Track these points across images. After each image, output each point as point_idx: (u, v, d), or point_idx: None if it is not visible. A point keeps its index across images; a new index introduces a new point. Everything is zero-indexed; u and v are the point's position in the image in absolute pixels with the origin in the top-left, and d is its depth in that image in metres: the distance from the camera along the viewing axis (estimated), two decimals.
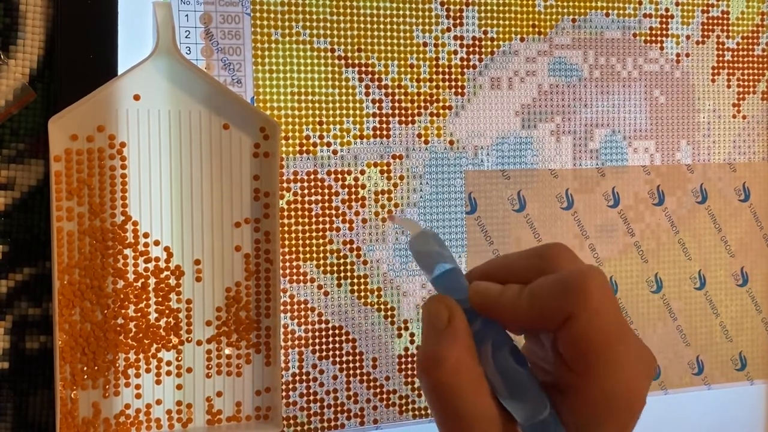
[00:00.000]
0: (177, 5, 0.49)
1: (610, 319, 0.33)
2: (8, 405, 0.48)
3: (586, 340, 0.32)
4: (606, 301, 0.33)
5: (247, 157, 0.49)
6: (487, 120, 0.56)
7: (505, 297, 0.34)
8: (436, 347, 0.33)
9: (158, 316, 0.48)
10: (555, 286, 0.33)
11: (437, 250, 0.35)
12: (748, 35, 0.63)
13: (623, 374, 0.32)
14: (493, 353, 0.33)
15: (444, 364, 0.32)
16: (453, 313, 0.34)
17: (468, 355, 0.33)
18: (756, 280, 0.64)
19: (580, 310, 0.32)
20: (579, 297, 0.32)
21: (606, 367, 0.32)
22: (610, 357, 0.32)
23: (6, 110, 0.47)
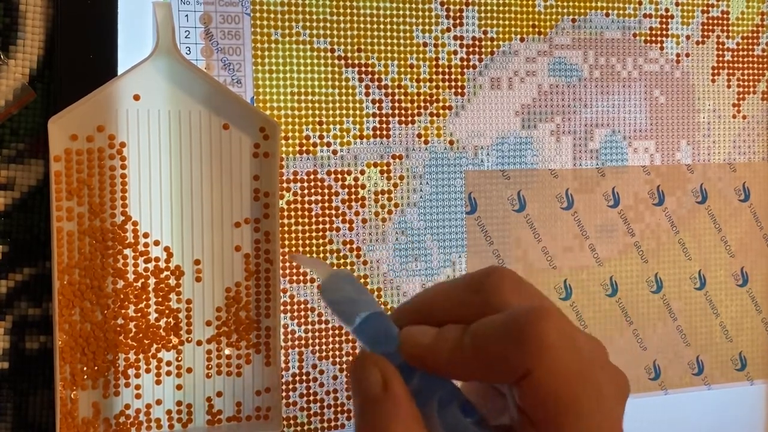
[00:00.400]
0: (177, 5, 0.49)
1: (574, 365, 0.29)
2: (8, 405, 0.48)
3: (549, 396, 0.28)
4: (566, 347, 0.29)
5: (247, 157, 0.49)
6: (487, 120, 0.56)
7: (444, 346, 0.29)
8: (374, 424, 0.29)
9: (158, 317, 0.48)
10: (503, 335, 0.29)
11: (354, 295, 0.31)
12: (748, 35, 0.63)
13: (595, 417, 0.29)
14: (439, 412, 0.29)
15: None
16: (387, 376, 0.29)
17: (414, 426, 0.29)
18: (756, 280, 0.64)
19: (537, 365, 0.28)
20: (534, 349, 0.28)
21: (572, 419, 0.28)
22: (579, 407, 0.29)
23: (6, 110, 0.47)
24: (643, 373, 0.61)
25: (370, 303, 0.31)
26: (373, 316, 0.30)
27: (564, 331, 0.29)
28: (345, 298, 0.31)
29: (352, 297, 0.31)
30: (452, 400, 0.29)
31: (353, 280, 0.32)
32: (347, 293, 0.31)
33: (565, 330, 0.29)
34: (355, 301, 0.31)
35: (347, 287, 0.31)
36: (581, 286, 0.59)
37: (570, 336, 0.29)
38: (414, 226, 0.55)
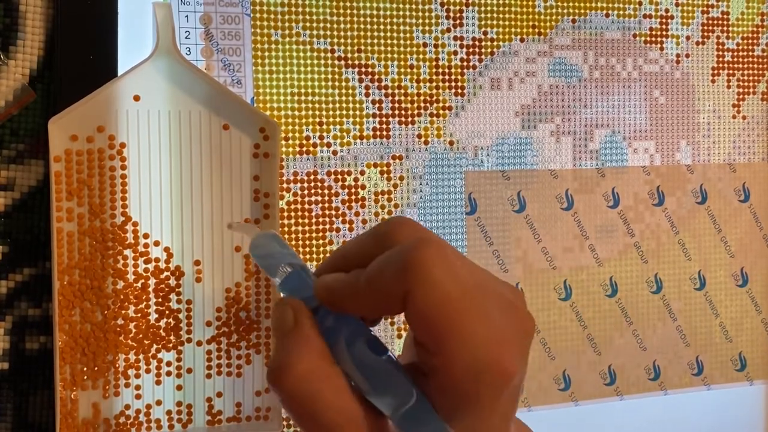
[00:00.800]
0: (177, 6, 0.49)
1: (452, 288, 0.30)
2: (8, 405, 0.48)
3: (429, 317, 0.30)
4: (444, 271, 0.30)
5: (247, 157, 0.49)
6: (487, 120, 0.56)
7: (346, 285, 0.32)
8: (282, 354, 0.31)
9: (158, 317, 0.48)
10: (387, 264, 0.31)
11: (279, 250, 0.34)
12: (748, 36, 0.63)
13: (479, 346, 0.30)
14: (348, 348, 0.31)
15: (293, 372, 0.30)
16: (298, 314, 0.32)
17: (318, 357, 0.31)
18: (756, 280, 0.64)
19: (415, 286, 0.30)
20: (411, 272, 0.30)
21: (457, 342, 0.30)
22: (459, 331, 0.30)
23: (6, 111, 0.47)
24: (643, 374, 0.61)
25: (292, 257, 0.34)
26: (295, 271, 0.34)
27: (443, 256, 0.30)
28: (271, 252, 0.34)
29: (277, 252, 0.34)
30: (359, 337, 0.32)
31: (279, 238, 0.35)
32: (273, 249, 0.34)
33: (445, 256, 0.30)
34: (281, 254, 0.34)
35: (273, 244, 0.35)
36: (581, 286, 0.59)
37: (449, 261, 0.30)
38: None
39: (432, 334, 0.30)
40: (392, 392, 0.31)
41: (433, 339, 0.30)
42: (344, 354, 0.32)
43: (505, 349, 0.31)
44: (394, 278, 0.30)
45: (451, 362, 0.30)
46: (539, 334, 0.58)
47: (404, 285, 0.30)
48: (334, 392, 0.31)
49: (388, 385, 0.31)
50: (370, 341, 0.32)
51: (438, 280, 0.30)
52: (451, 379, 0.30)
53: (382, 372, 0.31)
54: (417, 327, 0.31)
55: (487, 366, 0.30)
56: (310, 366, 0.31)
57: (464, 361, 0.30)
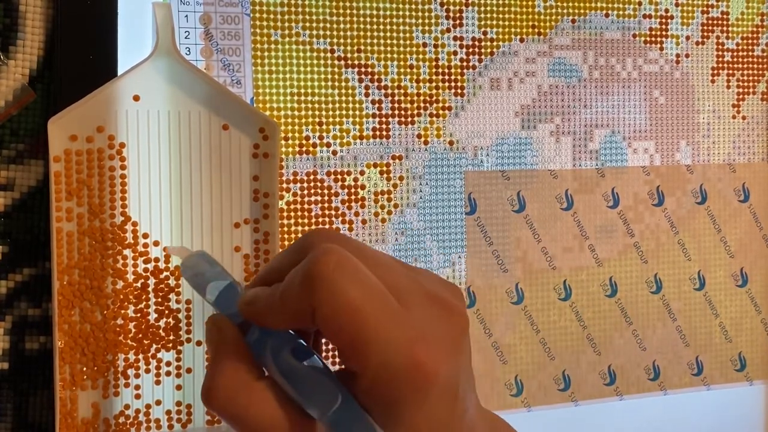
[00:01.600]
0: (176, 6, 0.49)
1: (356, 294, 0.30)
2: (8, 405, 0.48)
3: (335, 325, 0.30)
4: (344, 277, 0.30)
5: (247, 157, 0.49)
6: (487, 120, 0.56)
7: (265, 299, 0.33)
8: (211, 372, 0.32)
9: (158, 317, 0.48)
10: (294, 277, 0.31)
11: (208, 269, 0.35)
12: (748, 36, 0.63)
13: (390, 348, 0.30)
14: (273, 359, 0.32)
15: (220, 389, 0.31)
16: (222, 330, 0.33)
17: (244, 371, 0.32)
18: (756, 280, 0.64)
19: (318, 303, 0.30)
20: (312, 283, 0.30)
21: (367, 346, 0.30)
22: (366, 335, 0.30)
23: (6, 111, 0.47)
24: (643, 374, 0.61)
25: (221, 275, 0.35)
26: (225, 288, 0.35)
27: (343, 264, 0.31)
28: (200, 272, 0.35)
29: (207, 270, 0.35)
30: (283, 346, 0.33)
31: (208, 256, 0.36)
32: (202, 268, 0.36)
33: (346, 264, 0.31)
34: (210, 273, 0.35)
35: (202, 263, 0.36)
36: (581, 286, 0.59)
37: (350, 269, 0.31)
38: (414, 227, 0.55)
39: (341, 341, 0.30)
40: (318, 396, 0.32)
41: (344, 346, 0.31)
42: (271, 364, 0.32)
43: (423, 348, 0.30)
44: (300, 292, 0.31)
45: (365, 367, 0.30)
46: (539, 334, 0.58)
47: (308, 298, 0.30)
48: (260, 403, 0.31)
49: (314, 389, 0.32)
50: (295, 349, 0.32)
51: (338, 289, 0.30)
52: (369, 383, 0.30)
53: (306, 377, 0.32)
54: (328, 336, 0.31)
55: (403, 367, 0.30)
56: (235, 382, 0.32)
57: (378, 365, 0.30)
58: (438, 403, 0.31)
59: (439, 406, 0.31)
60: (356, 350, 0.30)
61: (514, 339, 0.57)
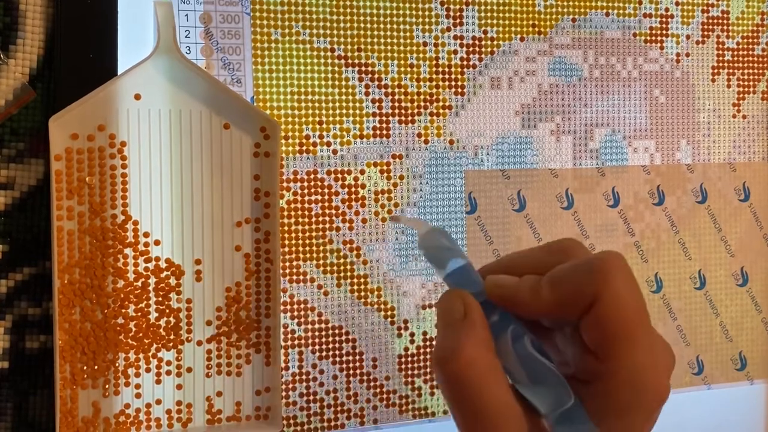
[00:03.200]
0: (177, 5, 0.49)
1: (636, 300, 0.32)
2: (8, 405, 0.48)
3: (613, 321, 0.32)
4: (629, 282, 0.32)
5: (248, 156, 0.49)
6: (487, 120, 0.56)
7: (524, 286, 0.34)
8: (451, 340, 0.32)
9: (158, 316, 0.48)
10: (576, 270, 0.33)
11: (448, 246, 0.35)
12: (748, 35, 0.63)
13: (650, 357, 0.32)
14: (513, 343, 0.33)
15: (459, 357, 0.32)
16: (468, 305, 0.33)
17: (484, 347, 0.32)
18: (756, 280, 0.64)
19: (604, 292, 0.32)
20: (602, 278, 0.32)
21: (633, 348, 0.32)
22: (636, 339, 0.32)
23: (6, 110, 0.47)
24: None
25: (460, 254, 0.35)
26: (463, 265, 0.35)
27: (629, 269, 0.33)
28: (440, 247, 0.35)
29: (445, 246, 0.35)
30: (523, 334, 0.33)
31: (448, 235, 0.36)
32: (442, 244, 0.35)
33: (630, 270, 0.33)
34: (448, 251, 0.35)
35: (443, 240, 0.35)
36: None
37: (633, 276, 0.33)
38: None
39: (611, 338, 0.32)
40: (553, 391, 0.32)
41: (611, 343, 0.32)
42: (508, 347, 0.33)
43: (665, 372, 0.33)
44: (583, 283, 0.32)
45: (622, 367, 0.32)
46: None
47: (593, 289, 0.32)
48: (494, 381, 0.32)
49: (551, 384, 0.32)
50: (533, 341, 0.33)
51: (626, 288, 0.32)
52: (619, 384, 0.32)
53: (546, 370, 0.32)
54: (597, 331, 0.32)
55: (655, 379, 0.32)
56: (478, 354, 0.32)
57: (636, 369, 0.32)
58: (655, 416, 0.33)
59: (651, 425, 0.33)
60: (619, 350, 0.32)
61: None
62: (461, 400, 0.32)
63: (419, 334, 0.55)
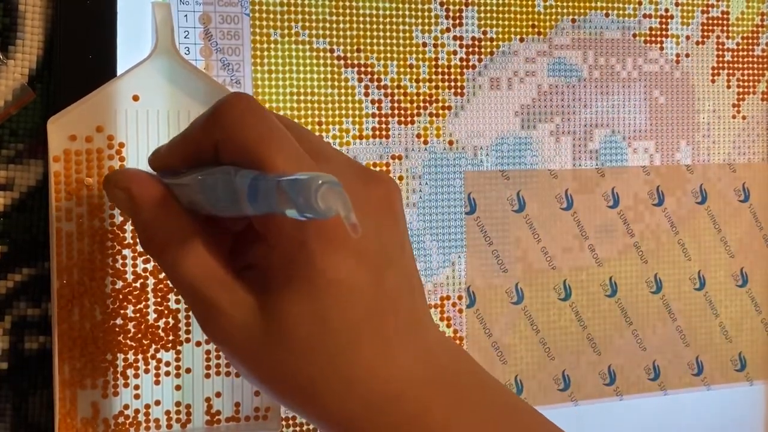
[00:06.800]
0: (176, 5, 0.49)
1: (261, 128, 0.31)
2: (7, 405, 0.48)
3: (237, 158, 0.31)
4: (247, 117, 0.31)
5: None
6: (487, 120, 0.56)
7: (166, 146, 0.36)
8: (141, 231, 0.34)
9: (157, 317, 0.48)
10: (199, 118, 0.34)
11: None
12: (748, 35, 0.63)
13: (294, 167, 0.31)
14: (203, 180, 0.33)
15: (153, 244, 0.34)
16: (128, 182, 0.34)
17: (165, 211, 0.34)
18: (756, 280, 0.64)
19: (224, 133, 0.31)
20: (217, 120, 0.32)
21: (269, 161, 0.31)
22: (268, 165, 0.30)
23: (5, 111, 0.47)
24: (643, 374, 0.61)
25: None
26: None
27: (252, 106, 0.32)
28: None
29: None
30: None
31: None
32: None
33: (254, 105, 0.32)
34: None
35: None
36: (581, 286, 0.59)
37: (259, 110, 0.32)
38: (413, 227, 0.55)
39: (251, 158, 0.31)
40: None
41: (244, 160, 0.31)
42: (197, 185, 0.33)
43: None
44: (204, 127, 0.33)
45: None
46: (539, 334, 0.58)
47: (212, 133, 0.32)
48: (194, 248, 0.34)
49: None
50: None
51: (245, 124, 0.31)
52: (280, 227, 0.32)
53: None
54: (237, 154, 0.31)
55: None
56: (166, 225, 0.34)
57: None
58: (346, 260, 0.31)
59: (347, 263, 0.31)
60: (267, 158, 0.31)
61: (513, 339, 0.57)
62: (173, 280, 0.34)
63: None
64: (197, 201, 0.34)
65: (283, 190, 0.26)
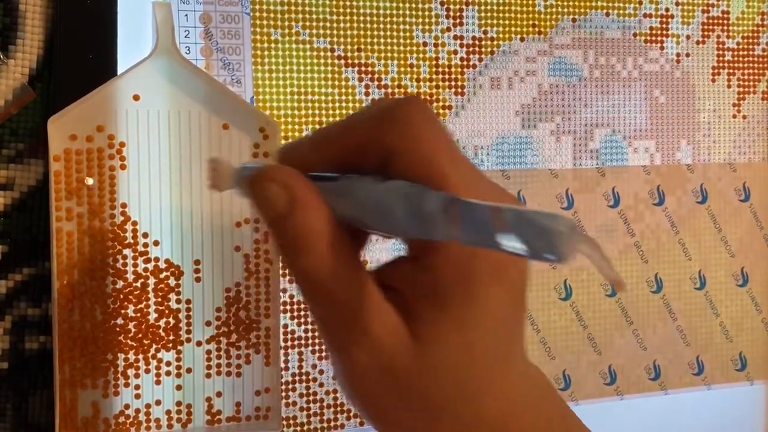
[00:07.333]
0: (176, 5, 0.49)
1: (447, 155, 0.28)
2: (8, 405, 0.48)
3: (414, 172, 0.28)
4: (436, 132, 0.28)
5: (247, 157, 0.49)
6: (487, 120, 0.56)
7: (312, 134, 0.31)
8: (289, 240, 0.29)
9: (158, 317, 0.48)
10: (371, 113, 0.29)
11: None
12: (749, 35, 0.63)
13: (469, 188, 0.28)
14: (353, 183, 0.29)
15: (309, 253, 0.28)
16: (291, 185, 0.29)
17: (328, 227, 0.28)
18: (756, 280, 0.64)
19: (402, 141, 0.28)
20: (398, 125, 0.28)
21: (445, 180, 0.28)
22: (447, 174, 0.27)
23: (5, 110, 0.47)
24: (643, 373, 0.61)
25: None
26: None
27: (430, 113, 0.29)
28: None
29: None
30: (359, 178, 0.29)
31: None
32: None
33: (430, 113, 0.29)
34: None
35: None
36: (581, 286, 0.59)
37: (435, 119, 0.29)
38: None
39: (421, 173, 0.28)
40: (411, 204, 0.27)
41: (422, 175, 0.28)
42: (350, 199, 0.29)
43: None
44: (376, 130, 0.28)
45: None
46: (539, 334, 0.58)
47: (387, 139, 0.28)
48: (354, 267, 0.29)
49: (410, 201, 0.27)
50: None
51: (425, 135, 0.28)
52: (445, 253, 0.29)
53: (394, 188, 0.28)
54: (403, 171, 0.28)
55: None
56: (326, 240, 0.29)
57: None
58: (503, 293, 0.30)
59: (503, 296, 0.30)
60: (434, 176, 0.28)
61: None
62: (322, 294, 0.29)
63: None
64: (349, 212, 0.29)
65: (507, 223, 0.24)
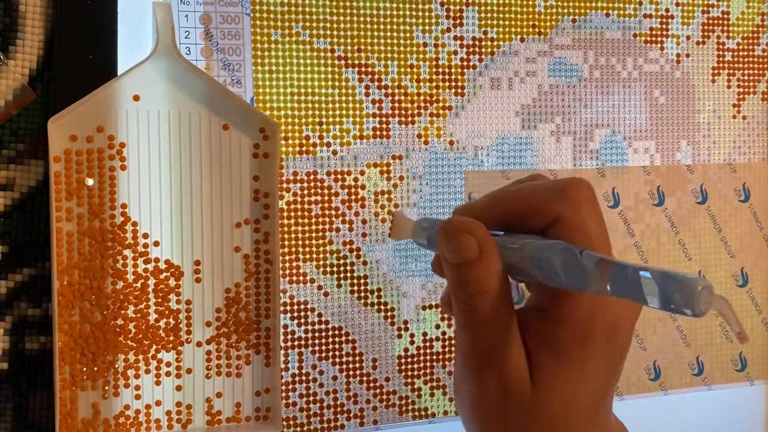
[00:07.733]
0: (176, 6, 0.49)
1: (599, 228, 0.33)
2: (8, 405, 0.48)
3: (574, 238, 0.32)
4: (595, 210, 0.33)
5: (247, 157, 0.49)
6: (487, 120, 0.56)
7: (484, 198, 0.35)
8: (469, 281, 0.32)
9: (158, 317, 0.48)
10: (545, 185, 0.34)
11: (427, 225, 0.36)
12: (749, 36, 0.63)
13: None
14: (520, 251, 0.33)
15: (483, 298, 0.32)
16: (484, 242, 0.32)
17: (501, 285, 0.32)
18: (756, 280, 0.64)
19: (568, 212, 0.32)
20: (568, 198, 0.32)
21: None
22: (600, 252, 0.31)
23: (5, 111, 0.47)
24: (643, 374, 0.61)
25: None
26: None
27: (595, 198, 0.33)
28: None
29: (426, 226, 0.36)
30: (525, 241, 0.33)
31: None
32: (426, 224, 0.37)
33: (593, 195, 0.33)
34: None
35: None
36: None
37: (596, 200, 0.33)
38: None
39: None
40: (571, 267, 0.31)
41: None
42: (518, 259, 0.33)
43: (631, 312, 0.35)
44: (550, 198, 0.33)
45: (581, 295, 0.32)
46: None
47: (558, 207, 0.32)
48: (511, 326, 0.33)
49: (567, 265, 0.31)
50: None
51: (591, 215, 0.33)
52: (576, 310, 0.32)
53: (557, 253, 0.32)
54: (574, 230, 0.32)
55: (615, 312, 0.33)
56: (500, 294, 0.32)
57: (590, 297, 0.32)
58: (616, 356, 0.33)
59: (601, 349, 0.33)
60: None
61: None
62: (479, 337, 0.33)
63: (419, 335, 0.55)
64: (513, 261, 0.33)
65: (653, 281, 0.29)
